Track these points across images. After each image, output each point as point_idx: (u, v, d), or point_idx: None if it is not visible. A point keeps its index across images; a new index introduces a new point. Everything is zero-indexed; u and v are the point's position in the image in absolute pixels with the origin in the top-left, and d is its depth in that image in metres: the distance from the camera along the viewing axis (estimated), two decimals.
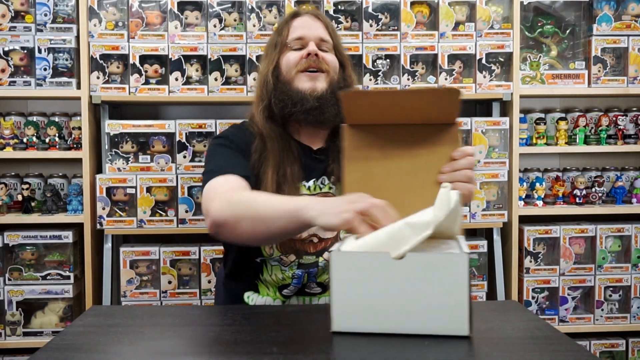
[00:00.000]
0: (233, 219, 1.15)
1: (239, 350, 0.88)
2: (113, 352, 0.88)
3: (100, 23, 2.17)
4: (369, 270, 0.90)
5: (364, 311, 0.91)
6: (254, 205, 1.15)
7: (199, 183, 2.16)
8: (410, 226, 0.91)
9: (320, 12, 1.53)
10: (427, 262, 0.88)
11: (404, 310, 0.90)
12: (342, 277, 0.91)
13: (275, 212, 1.10)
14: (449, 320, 0.89)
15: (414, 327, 0.90)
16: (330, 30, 1.47)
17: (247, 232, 1.14)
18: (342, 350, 0.89)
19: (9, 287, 2.15)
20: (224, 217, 1.17)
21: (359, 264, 0.90)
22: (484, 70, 2.24)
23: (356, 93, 1.07)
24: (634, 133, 2.38)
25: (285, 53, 1.44)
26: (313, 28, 1.45)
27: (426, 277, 0.88)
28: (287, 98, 1.38)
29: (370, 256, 0.90)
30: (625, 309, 2.32)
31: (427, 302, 0.89)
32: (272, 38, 1.50)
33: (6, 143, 2.20)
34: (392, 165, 1.08)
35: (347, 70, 1.48)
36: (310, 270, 1.39)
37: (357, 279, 0.91)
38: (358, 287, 0.91)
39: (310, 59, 1.39)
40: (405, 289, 0.89)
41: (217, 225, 1.18)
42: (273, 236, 1.15)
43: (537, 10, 2.35)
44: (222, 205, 1.18)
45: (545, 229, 2.29)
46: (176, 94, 2.18)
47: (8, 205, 2.23)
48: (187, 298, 2.18)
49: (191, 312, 1.12)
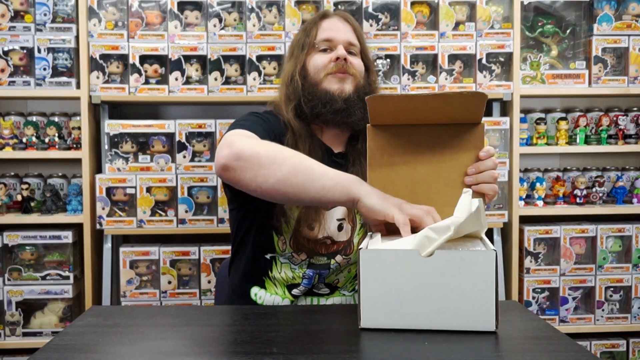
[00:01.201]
0: (268, 158, 1.10)
1: (239, 350, 0.88)
2: (113, 352, 0.88)
3: (100, 23, 2.17)
4: (397, 268, 0.92)
5: (391, 308, 0.93)
6: (300, 156, 1.13)
7: (199, 183, 2.16)
8: (433, 230, 0.92)
9: (349, 15, 1.51)
10: (456, 259, 0.90)
11: (432, 307, 0.92)
12: (371, 275, 0.93)
13: (326, 173, 1.08)
14: (476, 316, 0.91)
15: (442, 323, 0.92)
16: (358, 33, 1.47)
17: (277, 177, 1.09)
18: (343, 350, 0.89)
19: (8, 287, 2.15)
20: (257, 151, 1.11)
21: (388, 261, 0.92)
22: (484, 70, 2.23)
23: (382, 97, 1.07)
24: (634, 133, 2.38)
25: (313, 54, 1.43)
26: (342, 31, 1.44)
27: (454, 273, 0.90)
28: (316, 98, 1.38)
29: (399, 253, 0.92)
30: (625, 309, 2.32)
31: (455, 298, 0.91)
32: (298, 37, 1.48)
33: (6, 143, 2.19)
34: (417, 165, 1.08)
35: (372, 75, 1.48)
36: (322, 271, 1.38)
37: (385, 276, 0.92)
38: (386, 284, 0.92)
39: (339, 63, 1.39)
40: (433, 286, 0.91)
41: (240, 157, 1.11)
42: (303, 194, 1.09)
43: (538, 10, 2.35)
44: (257, 142, 1.15)
45: (546, 229, 2.28)
46: (176, 94, 2.18)
47: (7, 205, 2.22)
48: (187, 298, 2.18)
49: (191, 312, 1.12)
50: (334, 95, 1.37)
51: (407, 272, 0.91)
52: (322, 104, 1.37)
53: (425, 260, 0.91)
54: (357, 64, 1.43)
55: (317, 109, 1.38)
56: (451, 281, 0.90)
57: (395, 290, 0.92)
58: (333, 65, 1.39)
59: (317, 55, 1.42)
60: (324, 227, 1.36)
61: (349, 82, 1.40)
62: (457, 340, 0.89)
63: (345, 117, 1.37)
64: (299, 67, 1.42)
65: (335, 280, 1.41)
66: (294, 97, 1.40)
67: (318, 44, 1.43)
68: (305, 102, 1.39)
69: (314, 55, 1.43)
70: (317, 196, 1.09)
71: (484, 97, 1.03)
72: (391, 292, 0.92)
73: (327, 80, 1.39)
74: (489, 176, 1.08)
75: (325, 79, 1.39)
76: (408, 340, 0.90)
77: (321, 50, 1.43)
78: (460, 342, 0.89)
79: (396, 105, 1.08)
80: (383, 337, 0.91)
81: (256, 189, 1.13)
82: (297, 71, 1.42)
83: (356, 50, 1.45)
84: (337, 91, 1.38)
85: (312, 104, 1.38)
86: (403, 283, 0.92)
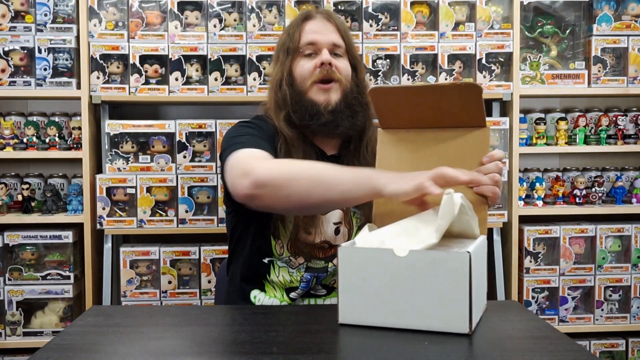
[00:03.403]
0: (285, 178, 1.10)
1: (239, 350, 0.88)
2: (113, 352, 0.88)
3: (100, 23, 2.17)
4: (374, 266, 0.93)
5: (368, 305, 0.94)
6: (313, 166, 1.14)
7: (199, 183, 2.17)
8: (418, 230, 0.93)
9: (332, 13, 1.49)
10: (429, 259, 0.90)
11: (406, 306, 0.92)
12: (349, 272, 0.95)
13: (342, 175, 1.08)
14: (450, 318, 0.90)
15: (416, 323, 0.92)
16: (342, 32, 1.44)
17: (299, 193, 1.09)
18: (343, 351, 0.89)
19: (9, 287, 2.15)
20: (274, 175, 1.11)
21: (364, 259, 0.93)
22: (484, 70, 2.24)
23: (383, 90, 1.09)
24: (633, 133, 2.38)
25: (298, 59, 1.41)
26: (326, 32, 1.42)
27: (428, 274, 0.90)
28: (303, 109, 1.37)
29: (375, 252, 0.93)
30: (625, 309, 2.32)
31: (428, 299, 0.90)
32: (283, 40, 1.46)
33: (6, 143, 2.20)
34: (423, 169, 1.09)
35: (360, 74, 1.46)
36: (320, 274, 1.39)
37: (362, 274, 0.94)
38: (363, 282, 0.94)
39: (324, 69, 1.37)
40: (407, 285, 0.91)
41: (260, 185, 1.10)
42: (327, 203, 1.11)
43: (537, 10, 2.35)
44: (271, 164, 1.15)
45: (545, 229, 2.29)
46: (176, 94, 2.18)
47: (8, 205, 2.23)
48: (187, 298, 2.19)
49: (191, 312, 1.12)
50: (320, 107, 1.36)
51: (382, 271, 0.92)
52: (309, 116, 1.37)
53: (400, 260, 0.91)
54: (342, 67, 1.40)
55: (304, 120, 1.37)
56: (425, 282, 0.90)
57: (371, 288, 0.93)
58: (318, 72, 1.37)
59: (303, 62, 1.40)
60: (321, 231, 1.36)
61: (335, 91, 1.38)
62: (456, 341, 0.89)
63: (333, 128, 1.37)
64: (285, 74, 1.40)
65: (332, 282, 1.41)
66: (283, 106, 1.39)
67: (302, 48, 1.41)
68: (293, 112, 1.38)
69: (299, 61, 1.41)
70: (341, 201, 1.11)
71: (479, 90, 1.04)
72: (367, 290, 0.94)
73: (312, 89, 1.38)
74: (489, 178, 1.07)
75: (311, 89, 1.38)
76: (408, 340, 0.90)
77: (306, 55, 1.40)
78: (460, 342, 0.89)
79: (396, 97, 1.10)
80: (383, 337, 0.91)
81: (284, 209, 1.17)
82: (284, 79, 1.40)
83: (342, 51, 1.42)
84: (323, 103, 1.36)
85: (300, 115, 1.37)
86: (378, 281, 0.93)
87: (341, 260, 0.95)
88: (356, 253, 0.95)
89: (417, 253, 0.90)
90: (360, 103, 1.41)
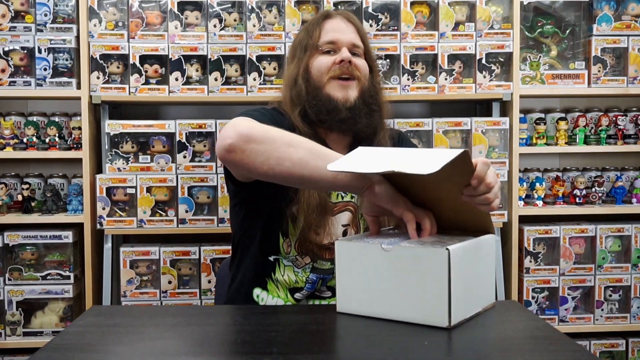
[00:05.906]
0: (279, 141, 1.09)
1: (239, 350, 0.88)
2: (113, 352, 0.88)
3: (100, 23, 2.17)
4: (365, 260, 1.00)
5: (361, 296, 1.01)
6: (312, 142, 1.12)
7: (200, 183, 2.17)
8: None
9: (352, 15, 1.48)
10: (410, 255, 0.95)
11: (392, 298, 0.98)
12: (345, 265, 1.02)
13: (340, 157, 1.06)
14: (430, 311, 0.94)
15: (400, 315, 0.97)
16: (361, 34, 1.44)
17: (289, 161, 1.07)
18: (343, 351, 0.89)
19: (9, 287, 2.15)
20: (265, 135, 1.09)
21: (357, 253, 1.01)
22: (483, 70, 2.24)
23: None
24: (633, 133, 2.38)
25: (316, 56, 1.40)
26: (346, 32, 1.41)
27: (411, 269, 0.95)
28: (320, 104, 1.36)
29: (366, 246, 1.00)
30: (625, 309, 2.32)
31: (411, 292, 0.96)
32: (300, 37, 1.46)
33: (6, 143, 2.20)
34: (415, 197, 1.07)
35: (376, 76, 1.46)
36: (325, 276, 1.38)
37: (356, 267, 1.01)
38: (357, 274, 1.01)
39: (343, 65, 1.37)
40: (393, 279, 0.97)
41: (243, 136, 1.09)
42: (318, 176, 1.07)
43: (537, 10, 2.35)
44: (259, 124, 1.13)
45: (545, 229, 2.29)
46: (176, 94, 2.18)
47: (8, 205, 2.23)
48: (187, 298, 2.19)
49: (191, 312, 1.12)
50: (338, 104, 1.35)
51: (372, 264, 0.99)
52: (326, 111, 1.36)
53: (386, 255, 0.97)
54: (361, 66, 1.41)
55: (321, 115, 1.36)
56: (408, 276, 0.96)
57: (364, 280, 1.00)
58: (337, 68, 1.37)
59: (321, 57, 1.40)
60: (330, 232, 1.36)
61: (354, 88, 1.38)
62: (457, 340, 0.89)
63: (351, 125, 1.37)
64: (302, 70, 1.40)
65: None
66: (298, 102, 1.39)
67: (322, 46, 1.40)
68: (309, 107, 1.37)
69: (317, 57, 1.40)
70: (333, 179, 1.07)
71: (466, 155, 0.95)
72: (361, 282, 1.01)
73: (330, 84, 1.37)
74: (482, 200, 1.02)
75: (328, 83, 1.37)
76: (408, 341, 0.90)
77: (325, 52, 1.40)
78: (460, 342, 0.89)
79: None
80: (383, 337, 0.91)
81: (267, 172, 1.10)
82: (300, 74, 1.40)
83: (360, 52, 1.43)
84: (341, 100, 1.36)
85: (317, 110, 1.37)
86: (370, 274, 0.99)
87: (338, 253, 1.03)
88: (350, 247, 1.02)
89: (400, 249, 0.96)
90: (376, 102, 1.41)
